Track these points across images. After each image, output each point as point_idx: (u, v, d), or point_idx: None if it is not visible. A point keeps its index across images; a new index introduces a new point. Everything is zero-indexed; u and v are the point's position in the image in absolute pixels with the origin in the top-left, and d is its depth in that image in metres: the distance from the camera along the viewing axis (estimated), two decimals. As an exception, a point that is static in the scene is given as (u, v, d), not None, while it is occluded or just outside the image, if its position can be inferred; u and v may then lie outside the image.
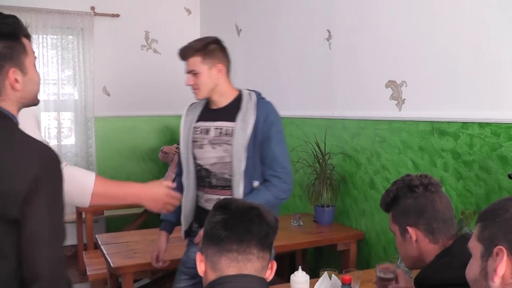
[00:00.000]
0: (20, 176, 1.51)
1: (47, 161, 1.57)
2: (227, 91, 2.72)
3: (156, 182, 2.34)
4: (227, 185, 2.65)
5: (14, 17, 1.72)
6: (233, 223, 1.53)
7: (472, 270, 1.38)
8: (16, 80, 1.65)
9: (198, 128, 2.75)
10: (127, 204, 4.01)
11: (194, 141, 2.74)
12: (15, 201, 1.50)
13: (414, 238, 1.86)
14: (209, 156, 2.68)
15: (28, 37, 1.74)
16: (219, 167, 2.67)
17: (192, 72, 2.66)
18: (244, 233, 1.51)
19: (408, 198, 1.88)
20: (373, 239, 3.80)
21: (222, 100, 2.73)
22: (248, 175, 2.61)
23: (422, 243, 1.86)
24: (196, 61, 2.64)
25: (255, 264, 1.53)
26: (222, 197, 2.21)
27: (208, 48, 2.66)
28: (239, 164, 2.58)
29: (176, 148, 6.09)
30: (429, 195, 1.86)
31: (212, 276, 1.54)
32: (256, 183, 2.63)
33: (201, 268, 1.59)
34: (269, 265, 1.60)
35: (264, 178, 2.65)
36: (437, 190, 1.89)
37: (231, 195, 2.58)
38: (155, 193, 2.28)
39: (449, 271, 1.69)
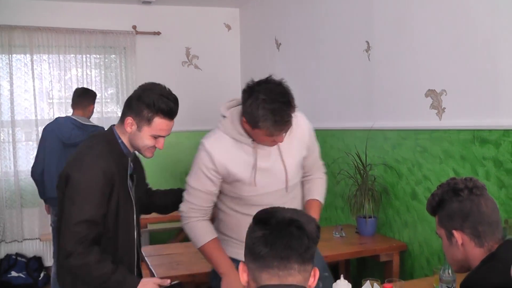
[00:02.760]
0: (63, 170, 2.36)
1: (78, 166, 2.34)
2: None
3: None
4: None
5: (172, 100, 2.53)
6: (273, 239, 1.52)
7: None
8: (130, 126, 2.41)
9: None
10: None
11: None
12: (61, 187, 2.35)
13: (460, 242, 1.85)
14: None
15: (166, 118, 2.44)
16: None
17: None
18: (284, 250, 1.51)
19: (453, 201, 1.87)
20: (416, 250, 3.77)
21: None
22: None
23: (468, 247, 1.85)
24: None
25: (297, 277, 1.53)
26: None
27: None
28: None
29: None
30: (474, 198, 1.85)
31: (254, 287, 1.56)
32: None
33: (243, 278, 1.60)
34: (312, 273, 1.60)
35: None
36: (482, 193, 1.87)
37: None
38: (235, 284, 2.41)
39: (494, 276, 1.67)
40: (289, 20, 5.68)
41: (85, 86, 6.14)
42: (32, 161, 4.88)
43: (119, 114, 6.50)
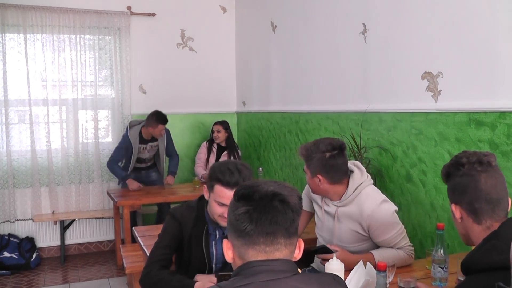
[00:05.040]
0: None
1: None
2: None
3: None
4: None
5: (233, 171, 2.56)
6: (258, 215, 1.50)
7: None
8: (206, 192, 2.70)
9: None
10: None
11: None
12: None
13: (458, 216, 1.85)
14: None
15: (225, 186, 2.55)
16: None
17: None
18: (270, 226, 1.49)
19: (455, 175, 1.87)
20: (410, 232, 3.74)
21: None
22: None
23: (466, 222, 1.85)
24: None
25: (283, 252, 1.52)
26: None
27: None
28: None
29: None
30: (475, 174, 1.83)
31: (241, 263, 1.54)
32: None
33: (228, 255, 1.59)
34: (297, 244, 1.59)
35: None
36: (485, 169, 1.84)
37: None
38: None
39: (495, 254, 1.65)
40: (285, 2, 5.64)
41: (79, 68, 6.20)
42: (25, 141, 6.07)
43: (113, 96, 6.50)
